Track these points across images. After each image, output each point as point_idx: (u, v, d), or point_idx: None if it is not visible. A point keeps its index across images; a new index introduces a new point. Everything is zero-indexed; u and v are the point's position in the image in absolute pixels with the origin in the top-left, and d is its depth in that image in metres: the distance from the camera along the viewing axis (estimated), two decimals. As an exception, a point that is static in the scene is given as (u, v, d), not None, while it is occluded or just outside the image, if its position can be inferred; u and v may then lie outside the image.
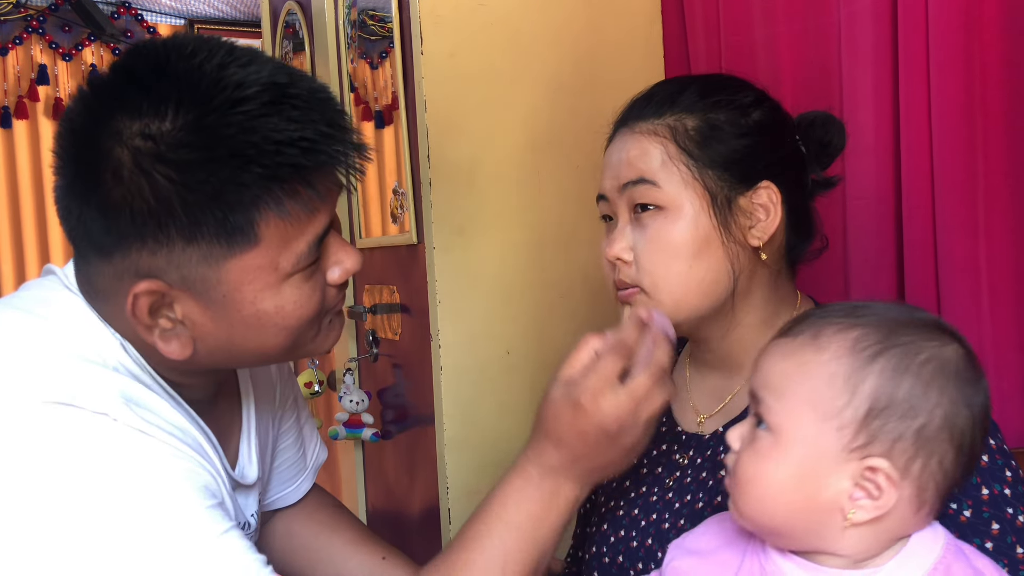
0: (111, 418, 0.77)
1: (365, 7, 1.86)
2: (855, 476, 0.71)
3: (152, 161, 0.75)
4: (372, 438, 1.94)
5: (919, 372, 0.71)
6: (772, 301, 1.00)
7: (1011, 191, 1.20)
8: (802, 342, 0.75)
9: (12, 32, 3.70)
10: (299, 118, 0.77)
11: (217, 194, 0.76)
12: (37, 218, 3.78)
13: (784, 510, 0.73)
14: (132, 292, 0.79)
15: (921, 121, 1.24)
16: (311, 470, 1.23)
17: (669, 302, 0.95)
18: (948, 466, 0.71)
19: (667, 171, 0.95)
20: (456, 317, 1.60)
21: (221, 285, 0.80)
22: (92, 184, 0.77)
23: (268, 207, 0.78)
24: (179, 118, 0.75)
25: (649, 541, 1.00)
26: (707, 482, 0.99)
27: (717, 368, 1.04)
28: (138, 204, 0.76)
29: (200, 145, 0.75)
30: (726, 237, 0.94)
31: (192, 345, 0.83)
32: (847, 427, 0.71)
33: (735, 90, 0.99)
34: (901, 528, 0.73)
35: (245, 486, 1.01)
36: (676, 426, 1.07)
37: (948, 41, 1.20)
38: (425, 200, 1.61)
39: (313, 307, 0.85)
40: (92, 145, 0.77)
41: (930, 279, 1.25)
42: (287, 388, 1.18)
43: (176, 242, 0.77)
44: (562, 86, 1.65)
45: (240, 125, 0.75)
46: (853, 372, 0.71)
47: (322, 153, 0.79)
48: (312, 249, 0.83)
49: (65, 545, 0.74)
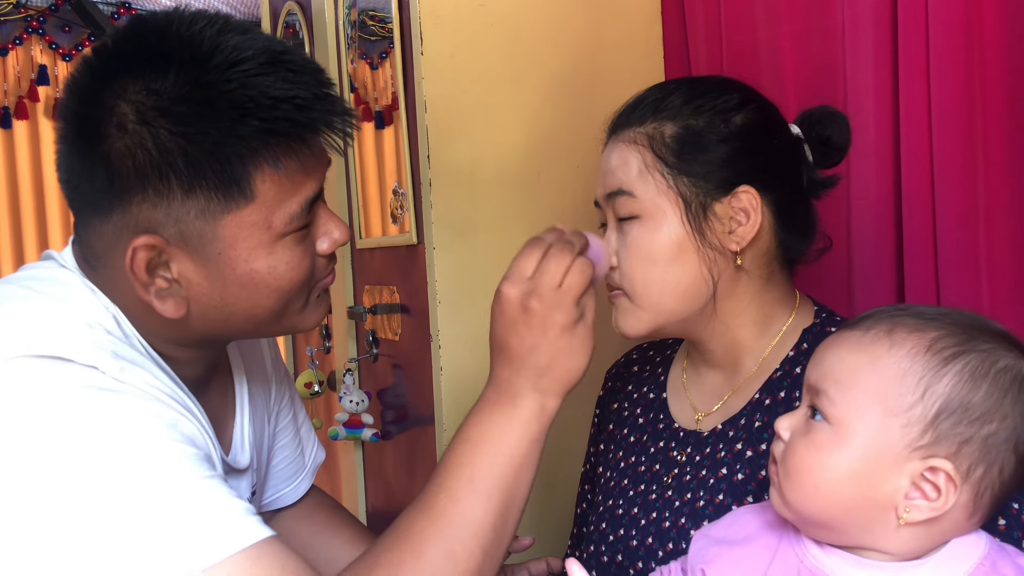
0: (100, 371, 0.79)
1: (365, 7, 1.86)
2: (914, 476, 0.71)
3: (155, 114, 0.79)
4: (372, 438, 1.94)
5: (996, 380, 0.70)
6: (764, 303, 1.00)
7: (1011, 191, 1.20)
8: (874, 337, 0.74)
9: (12, 32, 3.70)
10: (294, 79, 0.82)
11: (216, 146, 0.79)
12: (37, 218, 3.79)
13: (838, 504, 0.73)
14: (131, 246, 0.81)
15: (921, 121, 1.24)
16: (309, 470, 1.24)
17: (647, 306, 0.97)
18: (1007, 476, 0.71)
19: (643, 180, 0.97)
20: (456, 317, 1.60)
21: (217, 241, 0.83)
22: (96, 138, 0.81)
23: (264, 161, 0.81)
24: (180, 76, 0.79)
25: (650, 540, 1.00)
26: (708, 480, 0.99)
27: (713, 367, 1.05)
28: (140, 155, 0.79)
29: (200, 99, 0.79)
30: (701, 243, 0.96)
31: (186, 305, 0.85)
32: (914, 425, 0.70)
33: (719, 94, 0.99)
34: (953, 532, 0.73)
35: (237, 471, 1.02)
36: (673, 423, 1.07)
37: (948, 41, 1.20)
38: (425, 200, 1.61)
39: (304, 271, 0.88)
40: (96, 102, 0.81)
41: (930, 279, 1.25)
42: (282, 385, 1.19)
43: (175, 194, 0.80)
44: (562, 86, 1.65)
45: (239, 82, 0.80)
46: (928, 371, 0.71)
47: (315, 111, 0.83)
48: (304, 211, 0.86)
49: (48, 490, 0.75)
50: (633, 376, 1.17)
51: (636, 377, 1.17)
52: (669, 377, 1.12)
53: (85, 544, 0.75)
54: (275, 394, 1.17)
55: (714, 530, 0.85)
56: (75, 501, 0.75)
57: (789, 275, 1.03)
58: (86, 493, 0.75)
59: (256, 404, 1.10)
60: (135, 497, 0.76)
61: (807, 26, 1.41)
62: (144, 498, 0.76)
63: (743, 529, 0.82)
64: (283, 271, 0.86)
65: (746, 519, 0.83)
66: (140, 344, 0.88)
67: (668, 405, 1.09)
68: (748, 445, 0.97)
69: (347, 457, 2.21)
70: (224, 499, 0.80)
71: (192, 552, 0.76)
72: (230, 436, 1.04)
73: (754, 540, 0.81)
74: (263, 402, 1.13)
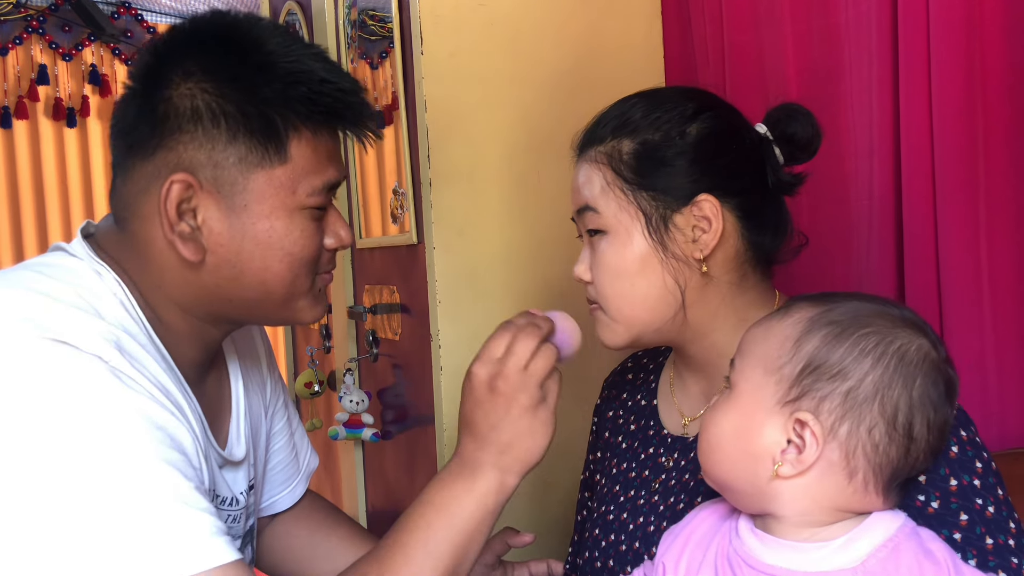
0: (103, 360, 0.82)
1: (365, 7, 1.86)
2: (786, 430, 0.76)
3: (218, 70, 0.89)
4: (372, 438, 1.94)
5: (857, 341, 0.76)
6: (738, 306, 1.00)
7: (1012, 191, 1.20)
8: (776, 314, 0.82)
9: (12, 32, 3.70)
10: (340, 74, 0.94)
11: (266, 103, 0.89)
12: (37, 218, 3.79)
13: (726, 459, 0.80)
14: (169, 180, 0.88)
15: (921, 121, 1.24)
16: (304, 475, 1.26)
17: (620, 318, 1.00)
18: (879, 438, 0.75)
19: (605, 197, 0.99)
20: (456, 317, 1.60)
21: (245, 193, 0.90)
22: (162, 82, 0.89)
23: (304, 128, 0.91)
24: (244, 47, 0.91)
25: (636, 544, 1.01)
26: (689, 483, 1.00)
27: (698, 372, 1.05)
28: (199, 98, 0.88)
29: (259, 64, 0.90)
30: (664, 255, 0.97)
31: (203, 252, 0.90)
32: (784, 382, 0.77)
33: (675, 104, 1.00)
34: (839, 496, 0.76)
35: (233, 463, 1.04)
36: (663, 429, 1.07)
37: (949, 41, 1.20)
38: (425, 200, 1.61)
39: (314, 247, 0.94)
40: (168, 56, 0.91)
41: (930, 279, 1.25)
42: (277, 388, 1.21)
43: (220, 139, 0.88)
44: (562, 86, 1.65)
45: (295, 57, 0.91)
46: (803, 335, 0.78)
47: (354, 105, 0.94)
48: (324, 191, 0.93)
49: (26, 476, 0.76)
50: (627, 383, 1.18)
51: (630, 384, 1.17)
52: (659, 384, 1.13)
53: (51, 535, 0.76)
54: (271, 396, 1.19)
55: (677, 527, 0.88)
56: (48, 489, 0.76)
57: (765, 275, 1.02)
58: (61, 485, 0.76)
59: (252, 400, 1.11)
60: (107, 499, 0.77)
61: (808, 26, 1.41)
62: (115, 503, 0.77)
63: (703, 523, 0.86)
64: (297, 237, 0.92)
65: (705, 513, 0.87)
66: (145, 330, 0.91)
67: (658, 411, 1.10)
68: None
69: (347, 457, 2.21)
70: (195, 516, 0.80)
71: (153, 566, 0.76)
72: (226, 430, 1.05)
73: (702, 531, 0.85)
74: (259, 399, 1.14)
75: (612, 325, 1.00)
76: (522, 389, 0.89)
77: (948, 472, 0.84)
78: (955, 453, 0.85)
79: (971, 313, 1.22)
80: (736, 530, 0.81)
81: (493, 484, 0.90)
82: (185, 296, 0.93)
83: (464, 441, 0.92)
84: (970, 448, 0.86)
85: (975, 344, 1.22)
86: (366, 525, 2.12)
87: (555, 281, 1.66)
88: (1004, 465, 0.89)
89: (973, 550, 0.82)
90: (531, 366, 0.89)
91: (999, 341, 1.22)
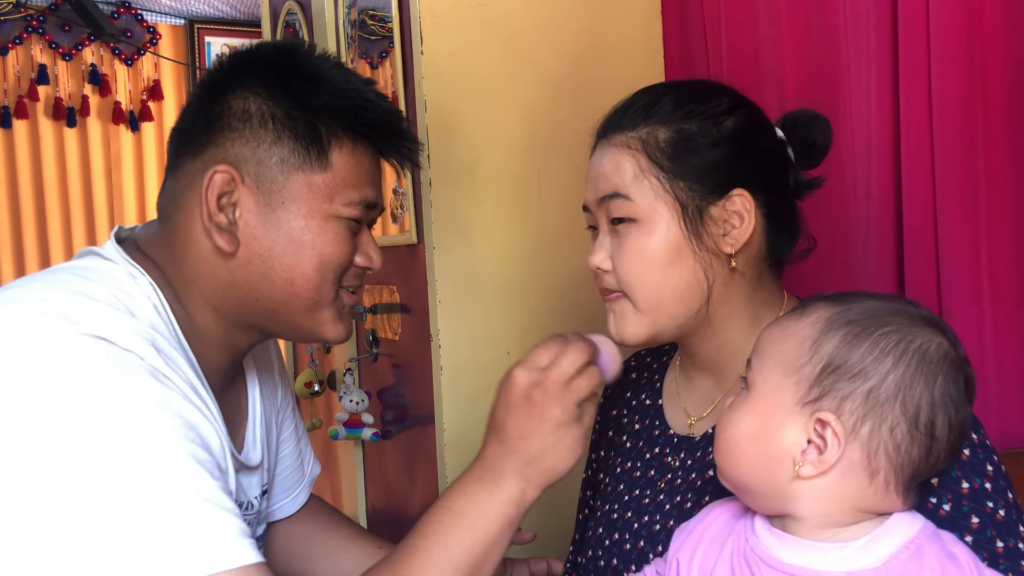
0: (139, 356, 0.83)
1: (365, 7, 1.86)
2: (806, 430, 0.75)
3: (273, 83, 0.96)
4: (372, 438, 1.94)
5: (878, 341, 0.75)
6: (754, 304, 1.00)
7: (1012, 191, 1.20)
8: (793, 314, 0.82)
9: (12, 32, 3.70)
10: (384, 99, 1.01)
11: (314, 112, 0.95)
12: (37, 218, 3.79)
13: (744, 461, 0.79)
14: (213, 170, 0.93)
15: (921, 121, 1.24)
16: (307, 482, 1.28)
17: (647, 308, 0.98)
18: (900, 438, 0.74)
19: (639, 184, 0.97)
20: (456, 317, 1.60)
21: (284, 191, 0.94)
22: (222, 91, 0.96)
23: (346, 138, 0.96)
24: (299, 65, 0.98)
25: (641, 543, 1.01)
26: (696, 483, 0.99)
27: (706, 371, 1.05)
28: (252, 103, 0.95)
29: (311, 79, 0.97)
30: (698, 246, 0.96)
31: (237, 245, 0.94)
32: (803, 382, 0.76)
33: (709, 98, 0.99)
34: (859, 497, 0.75)
35: (249, 467, 1.06)
36: (668, 429, 1.07)
37: (949, 41, 1.20)
38: (425, 200, 1.61)
39: (344, 255, 0.97)
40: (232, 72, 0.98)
41: (930, 279, 1.25)
42: (287, 395, 1.22)
43: (266, 139, 0.94)
44: (562, 86, 1.65)
45: (343, 79, 0.98)
46: (821, 335, 0.77)
47: (396, 126, 1.01)
48: (359, 205, 0.97)
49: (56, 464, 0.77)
50: (631, 383, 1.18)
51: (634, 384, 1.17)
52: (664, 383, 1.13)
53: (77, 526, 0.76)
54: (281, 402, 1.20)
55: (690, 524, 0.88)
56: (77, 480, 0.76)
57: (777, 275, 1.03)
58: (90, 476, 0.77)
59: (266, 406, 1.13)
60: (136, 492, 0.77)
61: (807, 26, 1.41)
62: (144, 496, 0.77)
63: (716, 520, 0.85)
64: (329, 239, 0.95)
65: (719, 511, 0.86)
66: (175, 333, 0.93)
67: (664, 411, 1.10)
68: None
69: (347, 457, 2.21)
70: (221, 515, 0.80)
71: (178, 561, 0.76)
72: (243, 435, 1.07)
73: (720, 528, 0.84)
74: (272, 405, 1.16)
75: (637, 316, 0.98)
76: (559, 403, 0.87)
77: (960, 475, 0.84)
78: (967, 456, 0.85)
79: (971, 313, 1.22)
80: (752, 528, 0.80)
81: (515, 493, 0.88)
82: (216, 293, 0.96)
83: (490, 444, 0.90)
84: (981, 451, 0.86)
85: (975, 344, 1.22)
86: (366, 525, 2.12)
87: (555, 281, 1.67)
88: (1005, 465, 0.89)
89: (984, 553, 0.81)
90: (574, 383, 0.88)
91: (999, 341, 1.22)
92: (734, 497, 0.85)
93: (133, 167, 3.99)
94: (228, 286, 0.96)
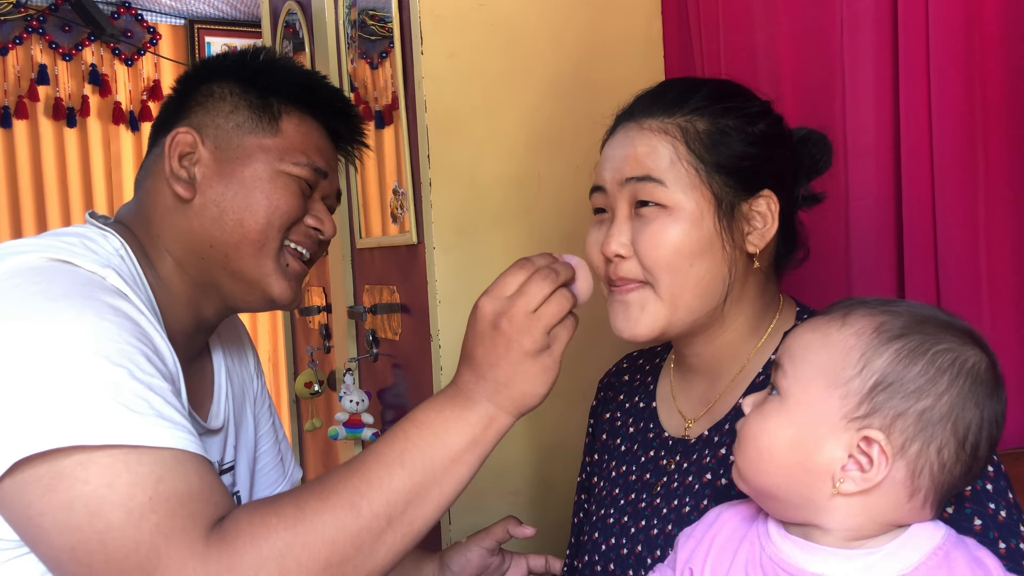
0: (101, 277, 0.91)
1: (365, 7, 1.86)
2: (850, 446, 0.73)
3: (234, 72, 1.11)
4: (372, 438, 1.94)
5: (934, 358, 0.73)
6: (759, 306, 1.01)
7: (1011, 191, 1.20)
8: (831, 319, 0.78)
9: (12, 32, 3.70)
10: (335, 89, 1.17)
11: (266, 88, 1.09)
12: (37, 218, 3.78)
13: (778, 470, 0.76)
14: (175, 130, 1.06)
15: (921, 121, 1.24)
16: (288, 483, 1.32)
17: (669, 298, 0.95)
18: (947, 458, 0.73)
19: (675, 171, 0.95)
20: (456, 317, 1.60)
21: (238, 148, 1.06)
22: (193, 83, 1.11)
23: (295, 110, 1.09)
24: (257, 58, 1.13)
25: (639, 548, 1.00)
26: (693, 486, 0.99)
27: (702, 373, 1.04)
28: (214, 86, 1.10)
29: (269, 63, 1.12)
30: (727, 242, 0.95)
31: (194, 193, 1.05)
32: (852, 396, 0.73)
33: (744, 98, 1.00)
34: (894, 513, 0.74)
35: (212, 431, 1.11)
36: (663, 432, 1.07)
37: (948, 41, 1.20)
38: (425, 200, 1.61)
39: (293, 207, 1.06)
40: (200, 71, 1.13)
41: (930, 279, 1.25)
42: (265, 393, 1.30)
43: (224, 109, 1.08)
44: (562, 86, 1.65)
45: (298, 67, 1.16)
46: (870, 348, 0.74)
47: (341, 101, 1.15)
48: (309, 168, 1.08)
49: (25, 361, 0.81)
50: (624, 386, 1.17)
51: (627, 387, 1.17)
52: (658, 386, 1.12)
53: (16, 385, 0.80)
54: (259, 396, 1.27)
55: (698, 529, 0.86)
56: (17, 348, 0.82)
57: (778, 280, 1.04)
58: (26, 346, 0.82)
59: (235, 389, 1.19)
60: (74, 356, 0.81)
61: (806, 25, 1.41)
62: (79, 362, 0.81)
63: (725, 525, 0.84)
64: (277, 188, 1.05)
65: (727, 515, 0.85)
66: (143, 285, 1.00)
67: (658, 414, 1.09)
68: (732, 450, 0.96)
69: (347, 457, 2.21)
70: (155, 400, 0.83)
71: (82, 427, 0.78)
72: (207, 409, 1.12)
73: (726, 533, 0.83)
74: (245, 391, 1.23)
75: (657, 307, 0.96)
76: (526, 332, 0.85)
77: None
78: None
79: (970, 313, 1.22)
80: (767, 534, 0.79)
81: (484, 417, 0.88)
82: (177, 244, 1.05)
83: (462, 371, 0.90)
84: None
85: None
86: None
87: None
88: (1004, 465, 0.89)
89: None
90: (541, 310, 0.86)
91: (998, 341, 1.22)
92: (740, 500, 0.83)
93: (133, 167, 3.99)
94: (187, 235, 1.05)
